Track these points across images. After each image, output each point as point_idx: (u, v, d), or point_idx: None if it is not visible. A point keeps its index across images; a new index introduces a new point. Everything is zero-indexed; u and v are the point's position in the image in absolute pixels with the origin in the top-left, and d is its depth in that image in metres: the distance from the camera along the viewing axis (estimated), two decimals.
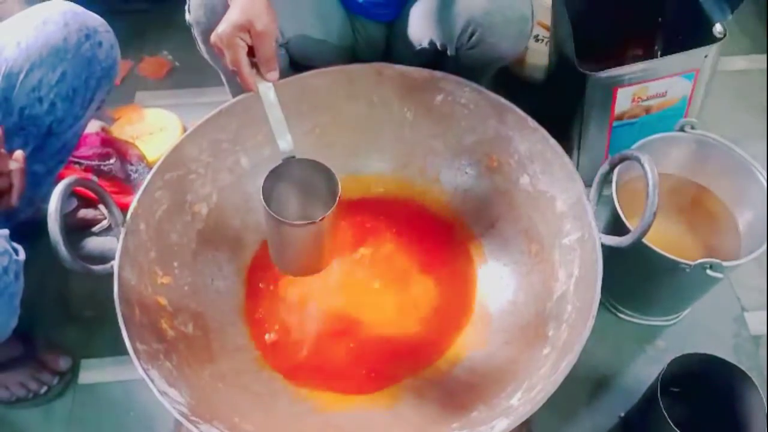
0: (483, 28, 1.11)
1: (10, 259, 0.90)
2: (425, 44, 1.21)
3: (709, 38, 1.24)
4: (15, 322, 0.97)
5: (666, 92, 1.29)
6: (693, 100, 1.31)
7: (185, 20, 1.16)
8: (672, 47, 1.31)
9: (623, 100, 1.30)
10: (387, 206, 1.24)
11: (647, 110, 1.31)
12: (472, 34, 1.13)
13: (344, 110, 1.21)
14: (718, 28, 1.23)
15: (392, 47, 1.32)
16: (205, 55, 1.22)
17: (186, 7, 1.14)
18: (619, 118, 1.33)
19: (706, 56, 1.23)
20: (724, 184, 1.21)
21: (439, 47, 1.19)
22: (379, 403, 1.03)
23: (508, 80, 1.60)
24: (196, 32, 1.16)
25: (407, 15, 1.24)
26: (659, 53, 1.47)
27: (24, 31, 1.03)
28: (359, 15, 1.31)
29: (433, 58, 1.23)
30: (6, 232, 0.91)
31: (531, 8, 1.13)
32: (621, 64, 1.25)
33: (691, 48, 1.23)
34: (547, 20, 1.47)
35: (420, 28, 1.22)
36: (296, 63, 1.28)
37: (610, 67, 1.24)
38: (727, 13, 1.24)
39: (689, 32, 1.30)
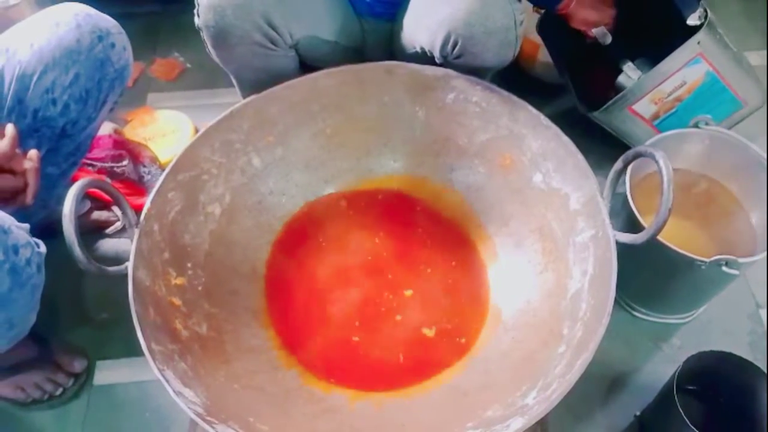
0: (464, 39, 1.11)
1: (33, 251, 0.90)
2: (417, 49, 1.22)
3: (690, 29, 1.24)
4: (34, 317, 0.98)
5: (684, 81, 1.28)
6: (721, 70, 1.29)
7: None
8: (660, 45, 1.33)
9: (645, 108, 1.31)
10: (399, 205, 1.24)
11: (678, 99, 1.31)
12: (454, 45, 1.13)
13: (355, 110, 1.21)
14: (693, 18, 1.23)
15: (395, 48, 1.32)
16: (215, 58, 1.22)
17: (195, 11, 1.15)
18: (655, 117, 1.33)
19: (699, 42, 1.23)
20: (738, 181, 1.21)
21: (428, 54, 1.19)
22: (394, 402, 1.03)
23: (519, 78, 1.60)
24: (205, 36, 1.17)
25: (402, 17, 1.24)
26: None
27: (37, 33, 1.04)
28: (366, 15, 1.31)
29: (432, 61, 1.22)
30: (27, 226, 0.92)
31: (513, 18, 1.12)
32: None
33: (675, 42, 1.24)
34: None
35: (410, 35, 1.22)
36: (306, 65, 1.29)
37: (608, 88, 1.28)
38: (695, 4, 1.25)
39: (671, 30, 1.31)
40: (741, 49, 1.30)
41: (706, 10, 1.22)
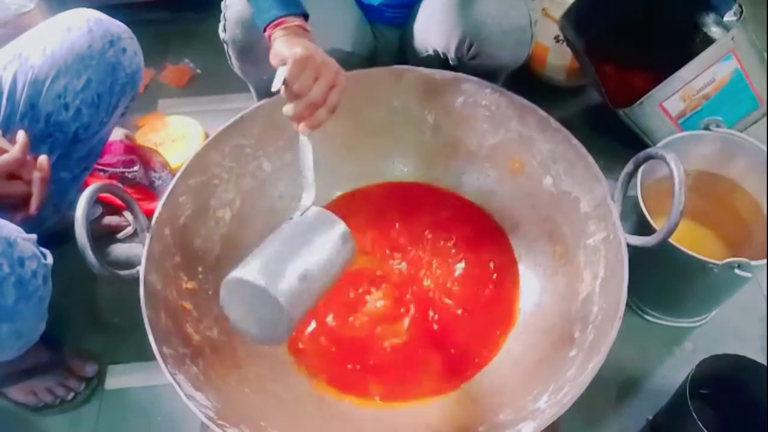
0: (480, 40, 1.11)
1: (39, 263, 0.91)
2: (430, 52, 1.21)
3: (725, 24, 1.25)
4: (43, 326, 0.98)
5: (713, 78, 1.28)
6: (746, 68, 1.30)
7: (207, 29, 1.17)
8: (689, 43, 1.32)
9: (675, 105, 1.30)
10: (409, 209, 1.24)
11: (705, 97, 1.31)
12: (470, 46, 1.13)
13: (365, 114, 1.21)
14: (729, 14, 1.23)
15: (405, 53, 1.32)
16: (238, 71, 1.22)
17: (221, 25, 1.15)
18: (681, 115, 1.33)
19: (733, 38, 1.22)
20: (750, 182, 1.20)
21: (441, 56, 1.19)
22: (405, 407, 1.03)
23: (529, 81, 1.60)
24: (231, 49, 1.17)
25: (414, 21, 1.24)
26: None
27: (49, 38, 1.04)
28: (377, 21, 1.32)
29: (445, 63, 1.22)
30: (34, 236, 0.92)
31: (528, 17, 1.12)
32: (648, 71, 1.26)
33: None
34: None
35: (423, 38, 1.22)
36: None
37: (639, 81, 1.26)
38: (731, 2, 1.24)
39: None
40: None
41: (741, 7, 1.22)
